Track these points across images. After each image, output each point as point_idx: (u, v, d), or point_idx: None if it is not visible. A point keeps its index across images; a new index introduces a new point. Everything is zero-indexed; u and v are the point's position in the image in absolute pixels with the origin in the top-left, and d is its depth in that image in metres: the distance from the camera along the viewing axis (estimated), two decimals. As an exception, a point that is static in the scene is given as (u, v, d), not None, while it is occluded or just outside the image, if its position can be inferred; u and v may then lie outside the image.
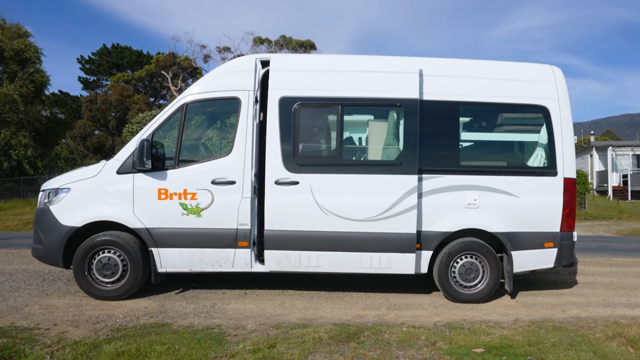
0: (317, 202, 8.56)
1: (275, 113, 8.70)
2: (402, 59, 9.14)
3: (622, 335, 7.23)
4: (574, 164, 8.90)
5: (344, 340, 6.89)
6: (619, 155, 53.24)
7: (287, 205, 8.61)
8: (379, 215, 8.57)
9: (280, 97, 8.70)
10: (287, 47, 55.75)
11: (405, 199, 8.55)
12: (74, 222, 8.69)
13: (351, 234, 8.61)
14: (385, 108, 9.02)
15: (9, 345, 6.47)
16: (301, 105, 8.72)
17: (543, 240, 8.71)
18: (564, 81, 8.99)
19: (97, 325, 7.48)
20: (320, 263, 8.71)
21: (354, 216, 8.58)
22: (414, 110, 8.68)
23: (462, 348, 6.68)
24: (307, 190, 8.57)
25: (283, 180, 8.58)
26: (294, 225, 8.63)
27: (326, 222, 8.60)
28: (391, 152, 9.04)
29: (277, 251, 8.68)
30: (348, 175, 8.66)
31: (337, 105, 8.73)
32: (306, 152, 8.85)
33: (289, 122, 8.67)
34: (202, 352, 6.36)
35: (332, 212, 8.57)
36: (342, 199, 8.60)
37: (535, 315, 8.39)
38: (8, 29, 38.51)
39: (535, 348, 6.71)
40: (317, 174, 8.64)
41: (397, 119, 8.96)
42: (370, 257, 8.66)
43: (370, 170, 8.75)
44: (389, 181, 8.60)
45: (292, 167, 8.60)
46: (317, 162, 8.86)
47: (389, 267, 8.71)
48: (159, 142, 9.04)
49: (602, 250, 16.23)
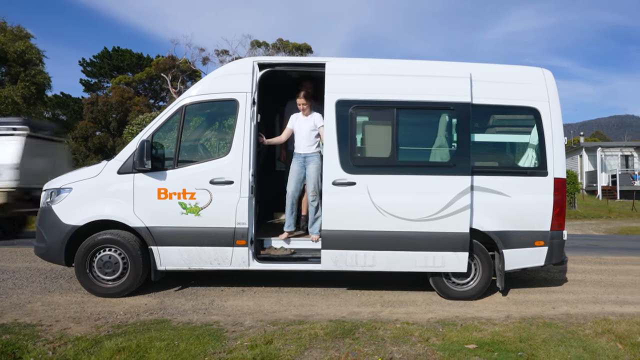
0: (373, 202, 8.54)
1: (332, 116, 8.69)
2: (453, 64, 9.15)
3: (611, 332, 7.26)
4: (564, 165, 8.90)
5: (340, 336, 6.91)
6: (608, 156, 53.35)
7: (344, 206, 8.59)
8: (433, 215, 8.55)
9: (336, 100, 8.69)
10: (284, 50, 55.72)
11: (460, 198, 8.56)
12: (75, 221, 8.69)
13: (407, 233, 8.58)
14: (439, 111, 8.96)
15: (12, 341, 6.49)
16: (357, 108, 8.72)
17: (534, 239, 8.72)
18: (554, 83, 9.00)
19: (98, 322, 7.48)
20: (376, 262, 8.69)
21: (410, 216, 8.56)
22: (467, 113, 8.71)
23: (455, 344, 6.70)
24: (364, 190, 8.55)
25: (340, 181, 8.56)
26: (351, 225, 8.61)
27: (382, 222, 8.57)
28: (444, 154, 9.01)
29: (334, 251, 8.65)
30: (403, 176, 8.65)
31: (392, 108, 8.71)
32: (363, 154, 8.88)
33: (345, 124, 8.65)
34: (201, 348, 6.37)
35: (388, 212, 8.55)
36: (398, 199, 8.58)
37: (526, 312, 8.41)
38: (10, 31, 38.46)
39: (526, 344, 6.73)
40: (373, 175, 8.62)
41: (449, 121, 8.94)
42: (424, 257, 8.64)
43: (425, 171, 8.73)
44: (443, 181, 8.60)
45: (349, 168, 8.58)
46: (374, 163, 8.85)
47: (442, 266, 8.70)
48: (159, 143, 9.02)
49: (591, 249, 16.29)
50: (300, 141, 9.43)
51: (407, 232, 8.57)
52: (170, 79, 57.10)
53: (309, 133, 9.34)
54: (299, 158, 9.43)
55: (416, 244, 8.60)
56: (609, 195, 48.51)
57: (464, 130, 8.71)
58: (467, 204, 8.54)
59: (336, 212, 8.60)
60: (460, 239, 8.58)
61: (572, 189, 32.11)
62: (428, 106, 8.84)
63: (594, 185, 52.06)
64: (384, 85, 8.80)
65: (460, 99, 8.71)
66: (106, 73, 70.76)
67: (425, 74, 8.92)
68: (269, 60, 9.15)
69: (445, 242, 8.59)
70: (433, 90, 8.77)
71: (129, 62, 70.21)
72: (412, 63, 9.13)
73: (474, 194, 8.67)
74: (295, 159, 9.48)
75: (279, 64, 9.23)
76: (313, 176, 9.24)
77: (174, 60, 57.32)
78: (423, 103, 8.80)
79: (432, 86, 8.79)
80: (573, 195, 33.61)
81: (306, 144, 9.39)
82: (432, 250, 8.61)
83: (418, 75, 8.90)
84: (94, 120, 61.28)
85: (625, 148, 54.25)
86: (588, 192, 51.50)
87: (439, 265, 8.68)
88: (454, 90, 8.75)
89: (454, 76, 8.84)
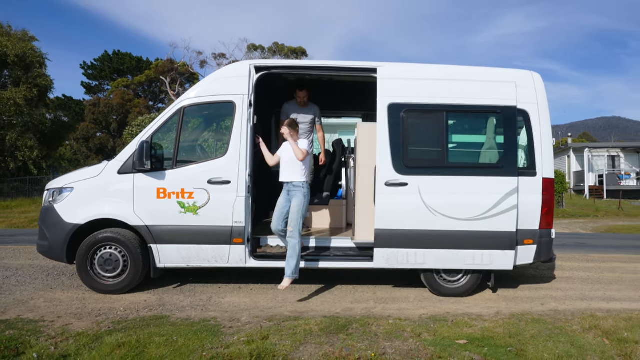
0: (424, 202, 8.56)
1: (384, 118, 8.72)
2: (498, 69, 9.17)
3: (598, 328, 7.28)
4: (553, 165, 8.91)
5: (334, 332, 6.92)
6: (595, 157, 53.48)
7: (396, 206, 8.60)
8: (482, 214, 8.57)
9: (389, 104, 8.73)
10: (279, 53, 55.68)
11: (507, 199, 8.59)
12: (77, 219, 8.69)
13: (456, 232, 8.59)
14: (487, 115, 9.03)
15: (15, 337, 6.49)
16: (408, 112, 8.74)
17: (523, 238, 8.73)
18: (543, 86, 9.01)
19: (99, 318, 7.49)
20: (426, 260, 8.71)
21: (459, 215, 8.57)
22: (513, 116, 8.76)
23: (446, 339, 6.71)
24: (415, 191, 8.57)
25: (392, 181, 8.58)
26: (403, 224, 8.61)
27: (433, 221, 8.58)
28: (492, 155, 9.04)
29: (386, 249, 8.66)
30: (453, 177, 8.66)
31: (443, 111, 8.74)
32: (414, 155, 8.81)
33: (397, 127, 8.68)
34: (199, 343, 6.37)
35: (438, 211, 8.56)
36: (448, 199, 8.60)
37: (516, 308, 8.43)
38: (14, 35, 38.40)
39: (516, 339, 6.74)
40: (424, 176, 8.64)
41: (497, 124, 8.98)
42: (473, 255, 8.66)
43: (474, 172, 8.75)
44: (492, 182, 8.63)
45: (401, 169, 8.61)
46: (425, 164, 8.81)
47: (490, 264, 8.73)
48: (158, 144, 9.03)
49: (579, 247, 16.29)
50: (284, 168, 9.02)
51: (457, 231, 8.59)
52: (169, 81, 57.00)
53: (294, 160, 8.90)
54: (285, 187, 9.02)
55: (465, 242, 8.62)
56: (596, 194, 48.60)
57: (511, 132, 8.75)
58: (515, 204, 8.58)
59: (388, 212, 8.61)
60: (507, 237, 8.62)
61: (560, 188, 32.11)
62: (476, 110, 8.91)
63: (581, 185, 52.22)
64: (434, 90, 8.84)
65: (506, 103, 8.78)
66: (107, 76, 70.66)
67: (473, 79, 8.97)
68: (264, 63, 9.14)
69: (493, 241, 8.63)
70: (481, 94, 8.84)
71: (129, 65, 70.13)
72: (459, 68, 9.15)
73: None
74: (283, 189, 9.11)
75: (275, 67, 9.20)
76: (294, 210, 8.71)
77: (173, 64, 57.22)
78: (472, 107, 8.85)
79: (480, 90, 8.86)
80: (561, 195, 33.61)
81: (291, 171, 8.93)
82: (481, 249, 8.65)
83: (466, 80, 8.95)
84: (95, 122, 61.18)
85: (611, 149, 54.41)
86: (576, 191, 51.58)
87: (487, 263, 8.72)
88: (501, 95, 8.82)
89: (500, 81, 8.93)
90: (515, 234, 8.63)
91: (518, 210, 8.61)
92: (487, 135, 9.21)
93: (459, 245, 8.63)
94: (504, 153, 8.75)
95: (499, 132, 8.94)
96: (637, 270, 12.04)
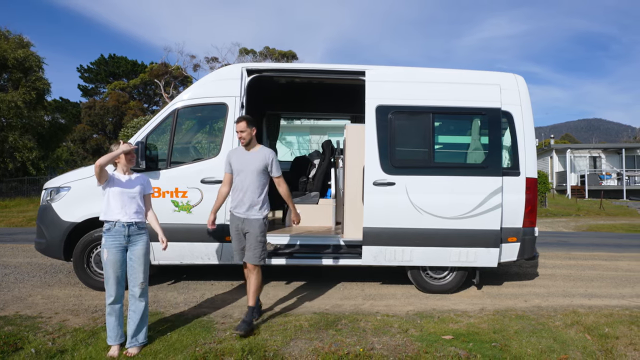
0: (411, 201, 8.57)
1: (372, 120, 8.73)
2: (483, 72, 9.18)
3: (580, 323, 7.30)
4: (536, 165, 8.93)
5: (323, 327, 6.92)
6: (576, 157, 53.77)
7: (384, 205, 8.61)
8: (467, 213, 8.58)
9: (376, 106, 8.74)
10: (270, 57, 55.58)
11: (492, 198, 8.60)
12: (74, 218, 8.65)
13: (442, 230, 8.60)
14: (472, 116, 9.08)
15: (14, 333, 6.48)
16: (396, 113, 8.75)
17: (507, 235, 8.74)
18: (526, 88, 9.03)
19: (96, 314, 7.47)
20: (413, 257, 8.72)
21: (445, 214, 8.58)
22: (497, 118, 8.78)
23: (432, 335, 6.71)
24: (403, 190, 8.58)
25: (380, 181, 8.59)
26: (390, 222, 8.63)
27: (420, 219, 8.59)
28: (477, 156, 9.08)
29: (374, 247, 8.67)
30: (439, 177, 8.67)
31: (429, 113, 8.76)
32: (401, 156, 8.81)
33: (385, 128, 8.70)
34: (192, 339, 6.35)
35: (425, 210, 8.57)
36: (435, 199, 8.60)
37: (500, 304, 8.45)
38: (12, 40, 38.38)
39: (500, 335, 6.75)
40: (411, 176, 8.65)
41: (481, 126, 9.03)
42: (458, 252, 8.68)
43: (460, 172, 8.76)
44: (476, 182, 8.64)
45: (389, 169, 8.62)
46: (412, 164, 8.82)
47: (475, 261, 8.75)
48: (153, 145, 9.00)
49: (561, 245, 16.37)
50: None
51: (443, 229, 8.61)
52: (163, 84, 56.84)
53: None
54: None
55: (451, 240, 8.64)
56: (578, 194, 48.89)
57: (495, 133, 8.78)
58: (499, 203, 8.60)
59: (376, 211, 8.62)
60: (492, 235, 8.64)
61: (543, 188, 32.20)
62: (462, 111, 8.93)
63: (563, 185, 52.46)
64: (421, 92, 8.87)
65: (491, 105, 8.81)
66: (103, 79, 70.42)
67: (458, 81, 8.98)
68: (256, 66, 9.14)
69: (478, 239, 8.65)
70: (466, 96, 8.86)
71: (124, 69, 69.91)
72: (445, 71, 9.16)
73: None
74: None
75: (265, 70, 9.20)
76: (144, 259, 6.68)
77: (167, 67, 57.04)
78: (457, 108, 8.88)
79: (465, 93, 8.88)
80: (544, 195, 33.72)
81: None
82: (466, 246, 8.67)
83: (451, 82, 8.97)
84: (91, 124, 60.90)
85: (593, 150, 54.79)
86: (558, 191, 51.79)
87: (472, 260, 8.74)
88: (485, 97, 8.85)
89: (485, 83, 8.95)
90: (500, 232, 8.65)
91: (502, 209, 8.62)
92: (472, 136, 9.24)
93: (445, 243, 8.64)
94: (489, 153, 8.78)
95: (483, 133, 8.98)
96: (617, 268, 12.11)
